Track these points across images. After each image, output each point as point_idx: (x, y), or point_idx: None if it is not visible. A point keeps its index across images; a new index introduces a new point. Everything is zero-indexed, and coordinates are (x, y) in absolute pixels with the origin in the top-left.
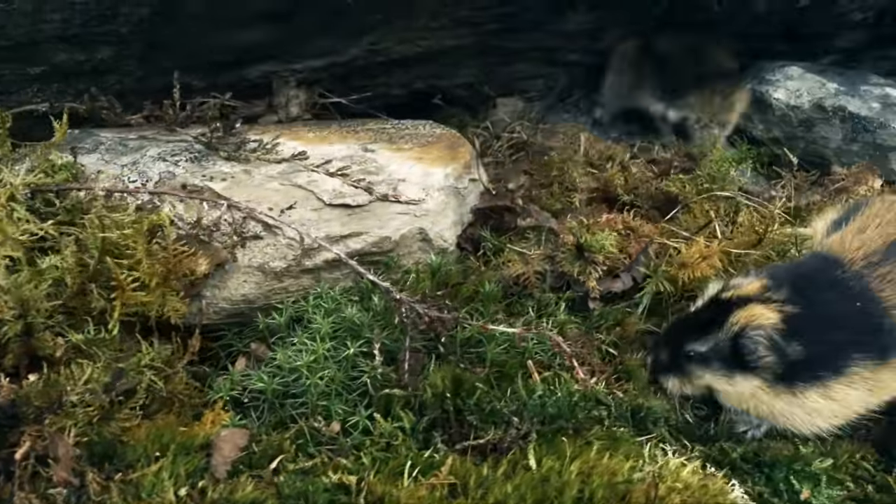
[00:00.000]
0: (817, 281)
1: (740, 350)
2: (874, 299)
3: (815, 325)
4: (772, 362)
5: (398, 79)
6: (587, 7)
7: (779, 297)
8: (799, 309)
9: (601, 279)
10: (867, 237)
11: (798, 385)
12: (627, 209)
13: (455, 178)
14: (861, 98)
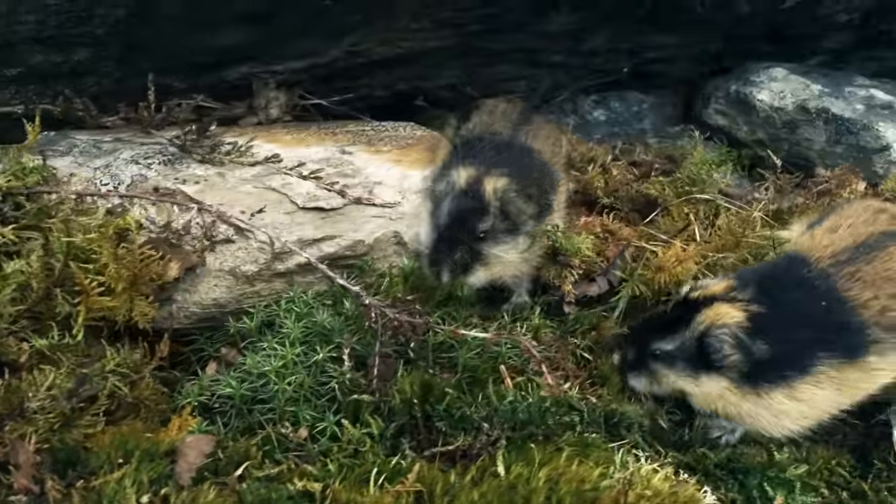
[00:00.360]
0: (783, 280)
1: (706, 349)
2: (841, 298)
3: (781, 324)
4: (737, 361)
5: (380, 80)
6: (570, 8)
7: (744, 297)
8: (765, 308)
9: (577, 283)
10: (837, 236)
11: (763, 385)
12: (607, 212)
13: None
14: (845, 100)
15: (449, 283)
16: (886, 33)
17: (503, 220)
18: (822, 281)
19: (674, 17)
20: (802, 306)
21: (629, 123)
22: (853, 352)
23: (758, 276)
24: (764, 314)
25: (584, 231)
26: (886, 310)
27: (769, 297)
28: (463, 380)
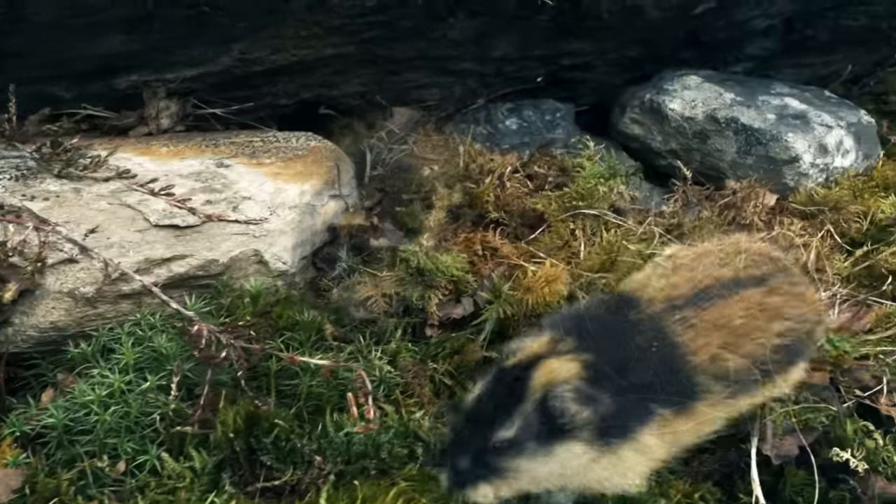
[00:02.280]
0: (608, 324)
1: (551, 415)
2: (672, 343)
3: (614, 372)
4: (588, 417)
5: (283, 88)
6: (467, 14)
7: (570, 347)
8: (595, 356)
9: (442, 304)
10: (678, 278)
11: (613, 442)
12: (493, 227)
13: (313, 194)
14: (757, 109)
15: None
16: (812, 39)
17: None
18: (651, 324)
19: (579, 23)
20: (632, 352)
21: (541, 133)
22: (684, 399)
23: (579, 320)
24: (597, 362)
25: (463, 248)
26: (717, 358)
27: (598, 343)
28: (305, 409)
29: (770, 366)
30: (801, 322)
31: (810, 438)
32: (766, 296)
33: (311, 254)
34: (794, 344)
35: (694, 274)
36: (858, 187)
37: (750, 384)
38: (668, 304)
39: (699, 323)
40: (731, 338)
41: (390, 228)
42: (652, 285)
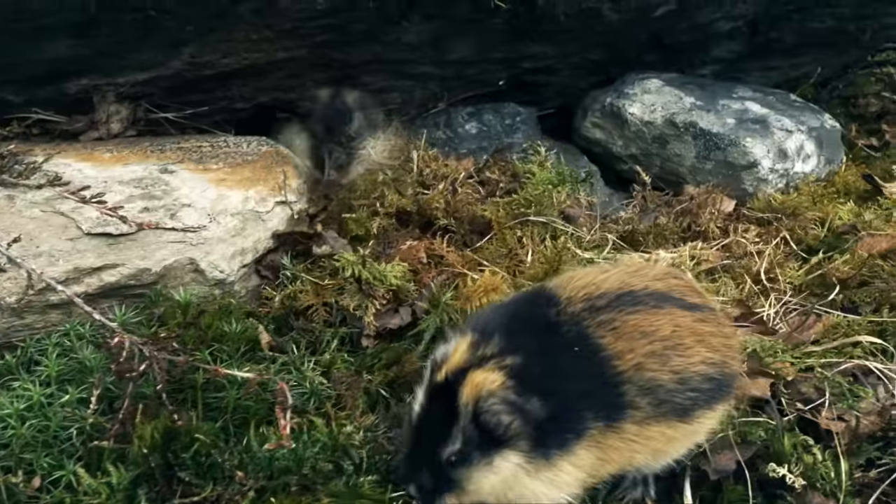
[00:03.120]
0: (532, 323)
1: (486, 428)
2: (595, 346)
3: (543, 376)
4: (520, 426)
5: (238, 92)
6: (420, 17)
7: (493, 352)
8: (520, 359)
9: (380, 314)
10: (601, 279)
11: (553, 455)
12: (442, 234)
13: (258, 201)
14: (717, 113)
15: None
16: (778, 41)
17: None
18: (573, 326)
19: (536, 26)
20: (558, 353)
21: (499, 137)
22: (614, 412)
23: (501, 319)
24: (523, 366)
25: (403, 256)
26: (642, 367)
27: (521, 345)
28: (232, 422)
29: (698, 394)
30: (725, 363)
31: (749, 453)
32: (697, 322)
33: (254, 261)
34: (719, 381)
35: (621, 277)
36: (817, 193)
37: (679, 407)
38: (589, 304)
39: (622, 326)
40: (658, 347)
41: (333, 236)
42: (573, 283)
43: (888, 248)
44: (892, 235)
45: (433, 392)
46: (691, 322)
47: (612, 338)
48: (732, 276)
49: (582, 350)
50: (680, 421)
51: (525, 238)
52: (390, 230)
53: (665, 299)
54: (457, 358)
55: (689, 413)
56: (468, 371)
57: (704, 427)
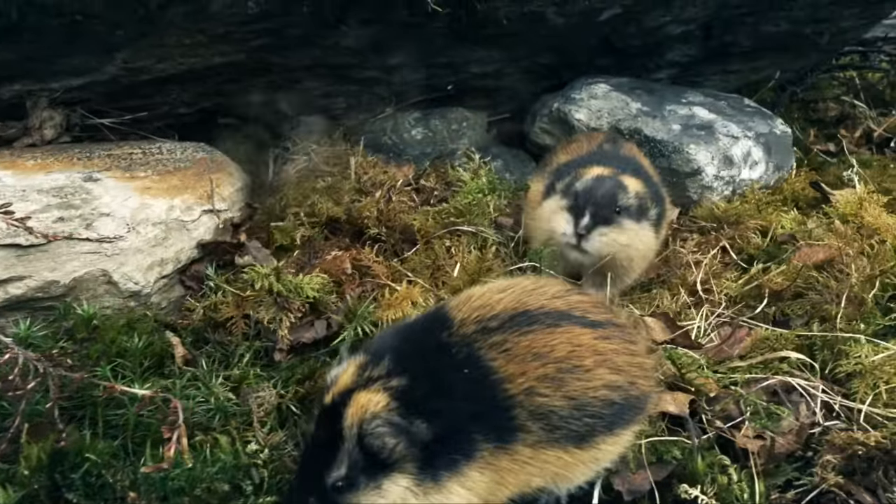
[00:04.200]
0: (423, 344)
1: (371, 451)
2: (486, 369)
3: (429, 398)
4: (406, 448)
5: (179, 97)
6: (358, 22)
7: (380, 374)
8: (406, 381)
9: (295, 327)
10: (496, 299)
11: (442, 476)
12: (372, 244)
13: (183, 209)
14: (663, 119)
15: None
16: (734, 45)
17: None
18: (463, 347)
19: (479, 30)
20: (447, 376)
21: (445, 143)
22: (505, 434)
23: (394, 341)
24: (409, 388)
25: (327, 267)
26: (533, 392)
27: (408, 367)
28: (133, 440)
29: (597, 420)
30: (633, 384)
31: (664, 473)
32: (599, 340)
33: (177, 272)
34: (622, 405)
35: (517, 296)
36: (763, 201)
37: (576, 434)
38: (481, 326)
39: (514, 348)
40: (552, 370)
41: (256, 246)
42: (469, 303)
43: (825, 258)
44: (829, 246)
45: (321, 415)
46: (592, 340)
47: (504, 360)
48: (669, 287)
49: (472, 372)
50: (576, 447)
51: (454, 248)
52: (319, 240)
53: (563, 317)
54: (344, 380)
55: (587, 439)
56: (353, 392)
57: (608, 452)
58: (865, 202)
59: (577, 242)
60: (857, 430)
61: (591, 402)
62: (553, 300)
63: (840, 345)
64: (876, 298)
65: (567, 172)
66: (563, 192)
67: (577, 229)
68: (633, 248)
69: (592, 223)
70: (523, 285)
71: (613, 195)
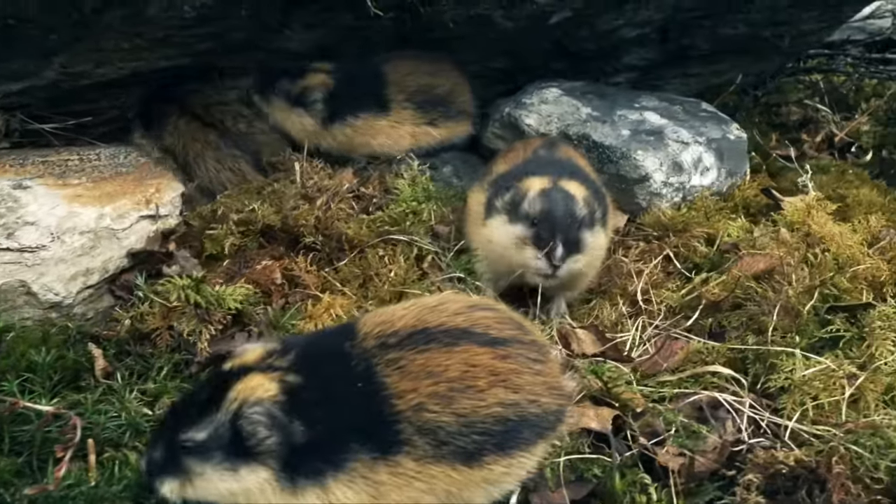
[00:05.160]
0: (327, 350)
1: (240, 434)
2: (379, 384)
3: (317, 403)
4: (275, 444)
5: (125, 102)
6: (301, 26)
7: (281, 364)
8: (302, 380)
9: (216, 340)
10: (398, 315)
11: (300, 481)
12: (306, 252)
13: (115, 217)
14: (612, 124)
15: None
16: (693, 48)
17: None
18: (362, 360)
19: (426, 33)
20: (339, 385)
21: None
22: (387, 448)
23: (305, 341)
24: (301, 387)
25: (257, 276)
26: (422, 408)
27: (308, 368)
28: (38, 457)
29: (487, 438)
30: (533, 403)
31: (583, 492)
32: (497, 360)
33: (105, 281)
34: (518, 424)
35: (418, 314)
36: (711, 208)
37: (463, 451)
38: (381, 342)
39: (408, 366)
40: (443, 388)
41: (184, 255)
42: (374, 318)
43: (765, 268)
44: (770, 255)
45: (211, 377)
46: (489, 360)
47: (397, 377)
48: (609, 297)
49: (364, 386)
50: (465, 465)
51: (387, 257)
52: (252, 248)
53: (462, 336)
54: (249, 356)
55: (476, 458)
56: (251, 371)
57: (502, 474)
58: (813, 210)
59: (552, 273)
60: (781, 448)
61: (481, 419)
62: (454, 317)
63: (772, 358)
64: (816, 310)
65: (505, 185)
66: (510, 213)
67: (554, 262)
68: (595, 256)
69: (566, 253)
70: (425, 302)
71: (573, 214)
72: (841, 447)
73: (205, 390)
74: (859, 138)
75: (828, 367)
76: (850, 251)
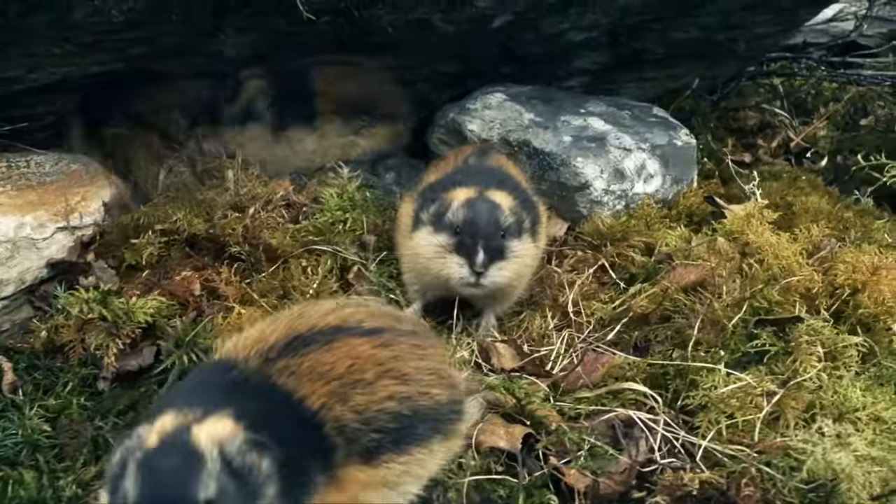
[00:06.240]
0: (229, 389)
1: (240, 473)
2: (285, 392)
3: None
4: (272, 467)
5: (62, 107)
6: (234, 30)
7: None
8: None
9: (125, 354)
10: (269, 331)
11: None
12: (230, 262)
13: (35, 227)
14: (554, 131)
15: None
16: (647, 52)
17: None
18: (258, 379)
19: (364, 38)
20: (261, 409)
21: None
22: (327, 459)
23: (191, 387)
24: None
25: (171, 289)
26: (328, 408)
27: (233, 403)
28: None
29: (383, 436)
30: (424, 395)
31: None
32: (379, 349)
33: (23, 292)
34: (410, 420)
35: (288, 324)
36: (652, 216)
37: (364, 448)
38: (263, 358)
39: (299, 370)
40: (336, 387)
41: (102, 266)
42: (243, 342)
43: (696, 279)
44: (702, 266)
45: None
46: (371, 350)
47: (294, 382)
48: (540, 309)
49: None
50: (365, 464)
51: (310, 268)
52: (175, 258)
53: (337, 332)
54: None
55: (375, 455)
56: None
57: (403, 472)
58: (753, 218)
59: (476, 281)
60: (691, 469)
61: (376, 415)
62: (324, 318)
63: (693, 374)
64: (745, 323)
65: (431, 197)
66: (435, 224)
67: (475, 268)
68: (522, 266)
69: (489, 259)
70: (289, 313)
71: (497, 223)
72: (752, 468)
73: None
74: (816, 143)
75: (747, 384)
76: (786, 262)
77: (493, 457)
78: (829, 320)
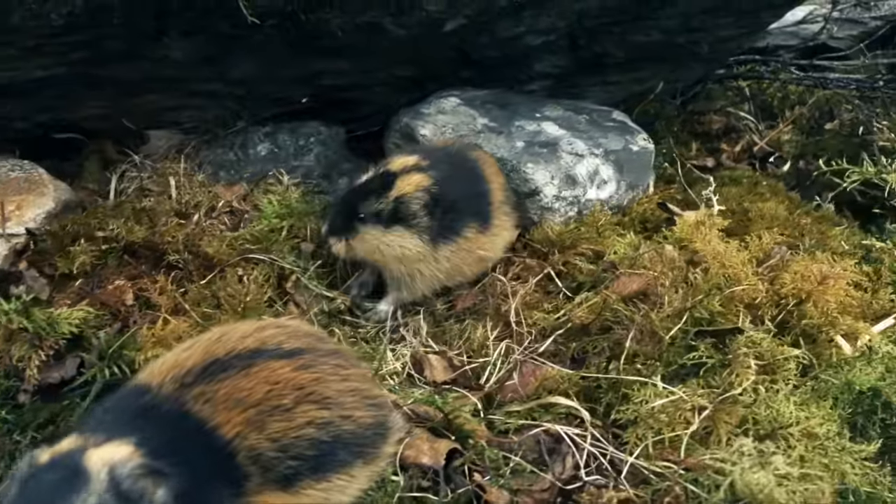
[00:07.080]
0: (132, 411)
1: (129, 499)
2: (198, 420)
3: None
4: (165, 495)
5: (9, 112)
6: (178, 34)
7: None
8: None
9: (48, 366)
10: (184, 356)
11: None
12: (168, 271)
13: None
14: (508, 136)
15: None
16: (608, 55)
17: None
18: (172, 405)
19: (313, 41)
20: (173, 436)
21: (288, 160)
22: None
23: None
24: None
25: (103, 299)
26: (243, 437)
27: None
28: None
29: (302, 463)
30: (346, 419)
31: None
32: (300, 371)
33: None
34: (331, 445)
35: (204, 348)
36: (603, 223)
37: (281, 475)
38: (179, 384)
39: (215, 397)
40: (252, 414)
41: (32, 275)
42: (160, 367)
43: (638, 289)
44: (645, 275)
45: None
46: (291, 372)
47: (210, 410)
48: (481, 318)
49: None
50: (282, 490)
51: (246, 277)
52: (111, 266)
53: (256, 355)
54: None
55: (292, 482)
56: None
57: (320, 501)
58: (702, 225)
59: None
60: (612, 488)
61: (293, 442)
62: (242, 341)
63: (625, 388)
64: (685, 334)
65: None
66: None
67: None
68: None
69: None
70: (207, 337)
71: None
72: (677, 486)
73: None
74: (780, 148)
75: (679, 399)
76: (732, 270)
77: (420, 472)
78: (772, 331)
